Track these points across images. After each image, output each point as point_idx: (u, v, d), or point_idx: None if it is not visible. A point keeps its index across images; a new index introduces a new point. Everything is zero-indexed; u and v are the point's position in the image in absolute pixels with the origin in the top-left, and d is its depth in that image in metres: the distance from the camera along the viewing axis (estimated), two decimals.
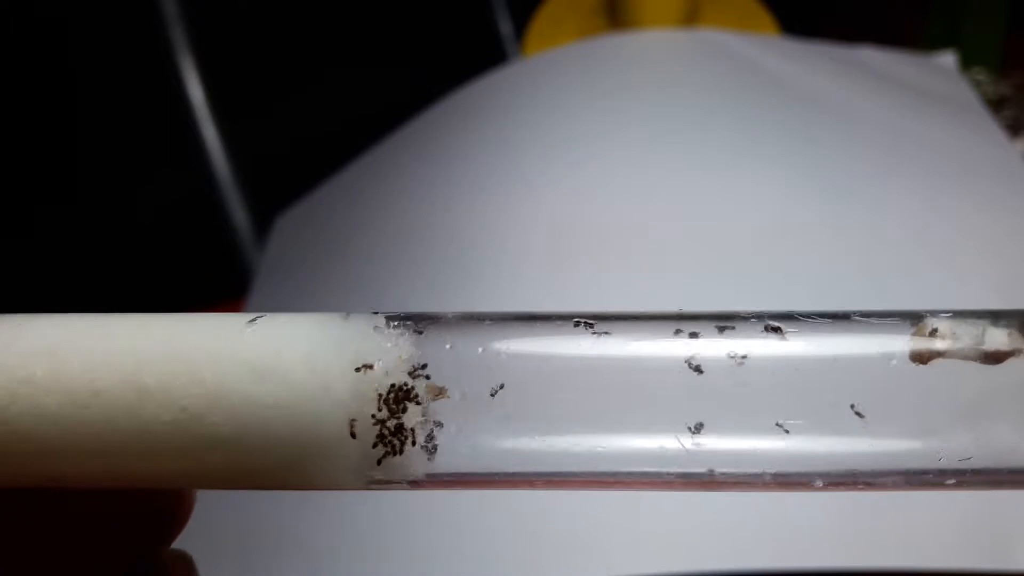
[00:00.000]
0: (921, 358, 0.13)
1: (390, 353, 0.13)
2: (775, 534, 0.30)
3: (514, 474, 0.13)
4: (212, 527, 0.38)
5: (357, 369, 0.13)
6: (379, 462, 0.13)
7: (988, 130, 0.45)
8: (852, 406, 0.13)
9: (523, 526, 0.32)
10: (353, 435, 0.13)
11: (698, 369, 0.13)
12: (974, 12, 0.60)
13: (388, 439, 0.13)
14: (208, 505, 0.39)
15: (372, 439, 0.13)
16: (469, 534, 0.32)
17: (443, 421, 0.13)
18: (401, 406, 0.13)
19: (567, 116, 0.45)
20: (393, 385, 0.13)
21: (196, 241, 0.59)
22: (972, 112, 0.47)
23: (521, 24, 0.60)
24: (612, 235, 0.40)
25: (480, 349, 0.13)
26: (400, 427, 0.13)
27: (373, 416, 0.13)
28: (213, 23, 0.57)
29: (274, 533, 0.36)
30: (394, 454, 0.13)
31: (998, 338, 0.13)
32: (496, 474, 0.13)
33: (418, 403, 0.13)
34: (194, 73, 0.57)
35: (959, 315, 0.13)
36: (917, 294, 0.36)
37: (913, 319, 0.13)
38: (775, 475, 0.13)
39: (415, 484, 0.13)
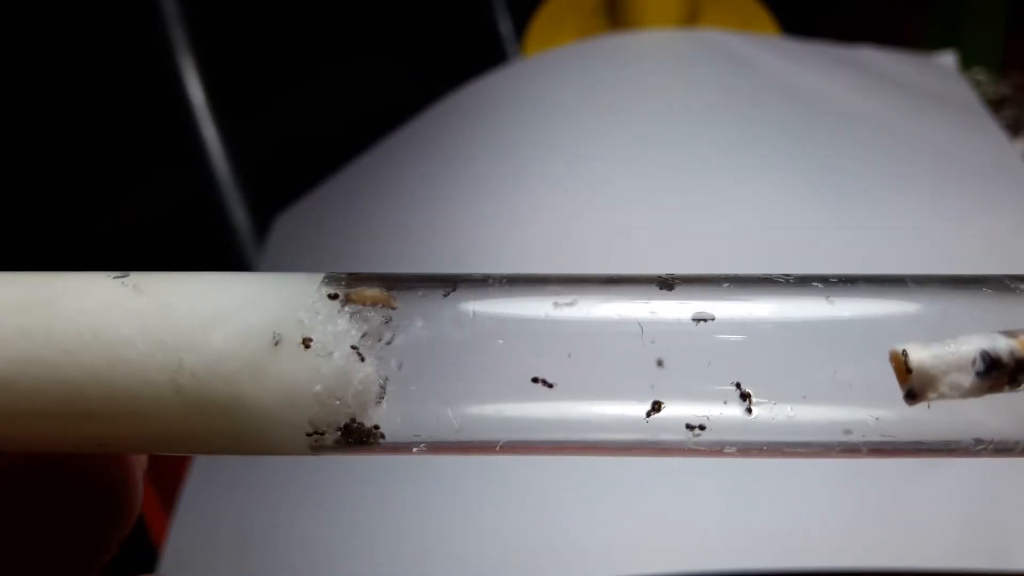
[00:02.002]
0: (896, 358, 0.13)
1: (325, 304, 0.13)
2: (775, 534, 0.30)
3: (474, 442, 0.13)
4: (212, 527, 0.38)
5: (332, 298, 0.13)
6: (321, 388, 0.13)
7: (988, 130, 0.45)
8: (822, 373, 0.13)
9: (523, 526, 0.32)
10: (307, 345, 0.13)
11: (652, 336, 0.13)
12: (974, 12, 0.60)
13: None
14: (209, 506, 0.39)
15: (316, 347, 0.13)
16: (469, 534, 0.32)
17: (392, 376, 0.13)
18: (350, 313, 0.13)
19: (567, 116, 0.45)
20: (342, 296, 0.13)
21: (196, 241, 0.59)
22: (972, 112, 0.47)
23: (521, 24, 0.60)
24: (612, 235, 0.40)
25: (444, 310, 0.13)
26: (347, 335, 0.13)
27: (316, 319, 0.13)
28: (213, 23, 0.57)
29: (274, 533, 0.36)
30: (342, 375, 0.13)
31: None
32: (442, 440, 0.13)
33: (365, 320, 0.13)
34: (194, 73, 0.57)
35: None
36: None
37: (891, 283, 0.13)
38: (731, 443, 0.13)
39: (360, 436, 0.13)
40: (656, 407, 0.13)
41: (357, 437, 0.13)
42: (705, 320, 0.13)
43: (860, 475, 0.31)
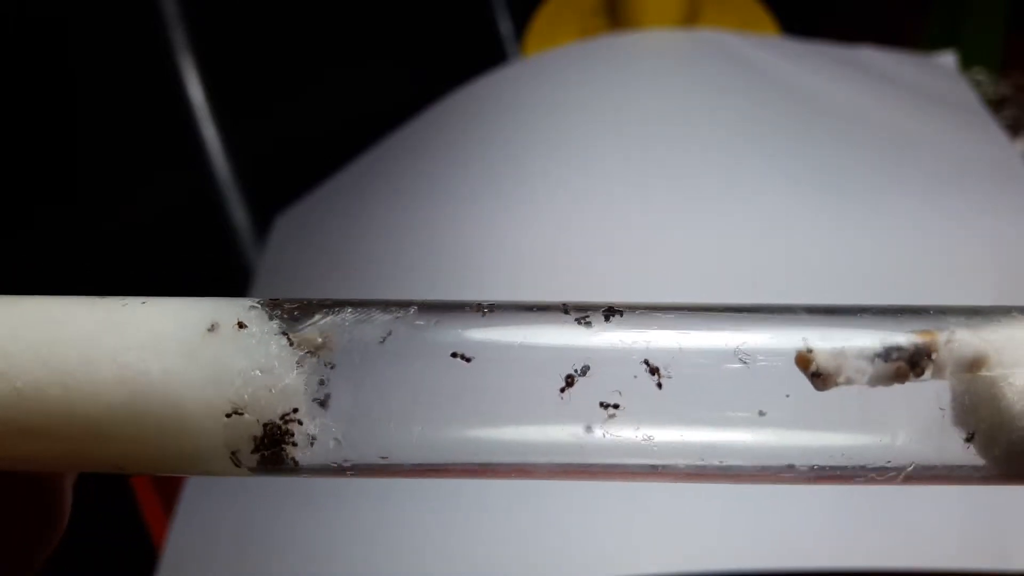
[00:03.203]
0: (805, 362, 0.13)
1: (265, 322, 0.13)
2: (775, 534, 0.30)
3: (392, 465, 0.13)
4: (211, 529, 0.38)
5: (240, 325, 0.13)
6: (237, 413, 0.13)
7: (988, 130, 0.45)
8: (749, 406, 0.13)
9: (523, 526, 0.32)
10: (230, 414, 0.13)
11: (585, 370, 0.13)
12: (974, 12, 0.60)
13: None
14: (209, 508, 0.39)
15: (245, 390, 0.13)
16: (469, 534, 0.32)
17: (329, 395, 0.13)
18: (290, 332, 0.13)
19: (567, 116, 0.45)
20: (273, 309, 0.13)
21: (196, 241, 0.59)
22: (972, 112, 0.47)
23: (521, 24, 0.60)
24: (612, 235, 0.40)
25: (377, 333, 0.13)
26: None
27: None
28: (213, 23, 0.57)
29: (273, 536, 0.36)
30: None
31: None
32: (372, 464, 0.13)
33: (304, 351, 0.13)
34: (194, 73, 0.57)
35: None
36: (917, 294, 0.36)
37: (805, 314, 0.13)
38: (670, 466, 0.13)
39: (293, 466, 0.13)
40: (588, 429, 0.13)
41: (271, 453, 0.13)
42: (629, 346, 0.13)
43: None
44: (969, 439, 0.13)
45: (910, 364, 0.13)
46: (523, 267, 0.39)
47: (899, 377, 0.13)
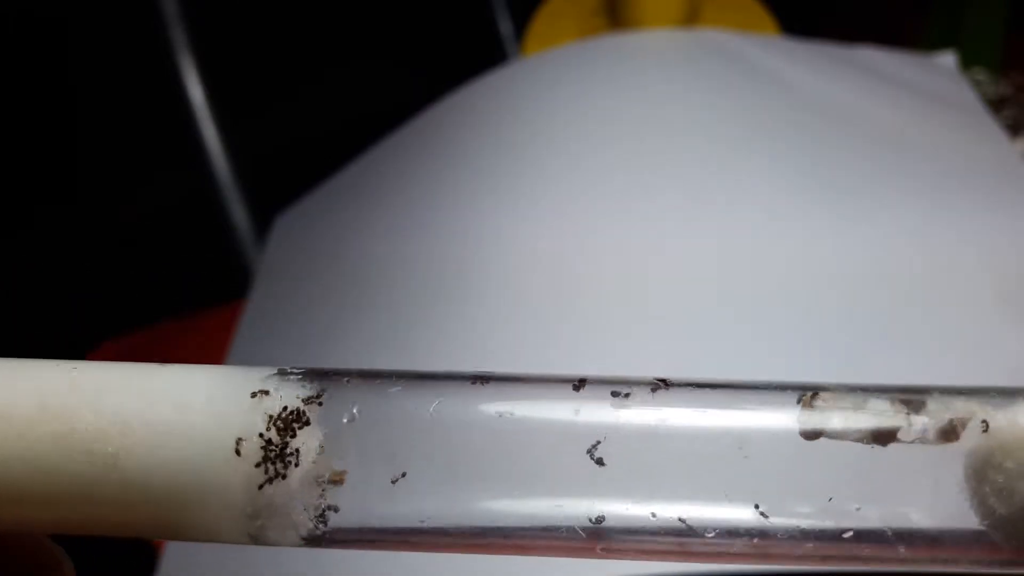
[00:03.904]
0: (808, 436, 0.13)
1: (286, 388, 0.13)
2: None
3: (405, 532, 0.13)
4: None
5: (253, 395, 0.13)
6: (261, 487, 0.13)
7: (988, 130, 0.45)
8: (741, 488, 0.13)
9: None
10: (239, 452, 0.13)
11: (594, 453, 0.13)
12: (974, 12, 0.60)
13: (273, 462, 0.13)
14: None
15: (257, 458, 0.13)
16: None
17: (339, 485, 0.13)
18: (291, 432, 0.13)
19: (567, 116, 0.45)
20: (285, 408, 0.13)
21: (196, 241, 0.59)
22: (972, 112, 0.47)
23: (521, 24, 0.60)
24: (612, 235, 0.40)
25: (387, 408, 0.13)
26: (285, 453, 0.13)
27: (260, 435, 0.13)
28: (213, 23, 0.57)
29: None
30: (280, 478, 0.13)
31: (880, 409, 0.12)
32: (388, 531, 0.13)
33: (307, 424, 0.13)
34: (194, 73, 0.57)
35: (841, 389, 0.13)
36: (916, 294, 0.36)
37: (801, 391, 0.13)
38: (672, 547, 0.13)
39: (305, 539, 0.13)
40: (598, 521, 0.13)
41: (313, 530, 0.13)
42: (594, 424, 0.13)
43: None
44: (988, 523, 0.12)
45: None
46: (523, 267, 0.39)
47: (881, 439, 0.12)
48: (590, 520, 0.13)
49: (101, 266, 0.55)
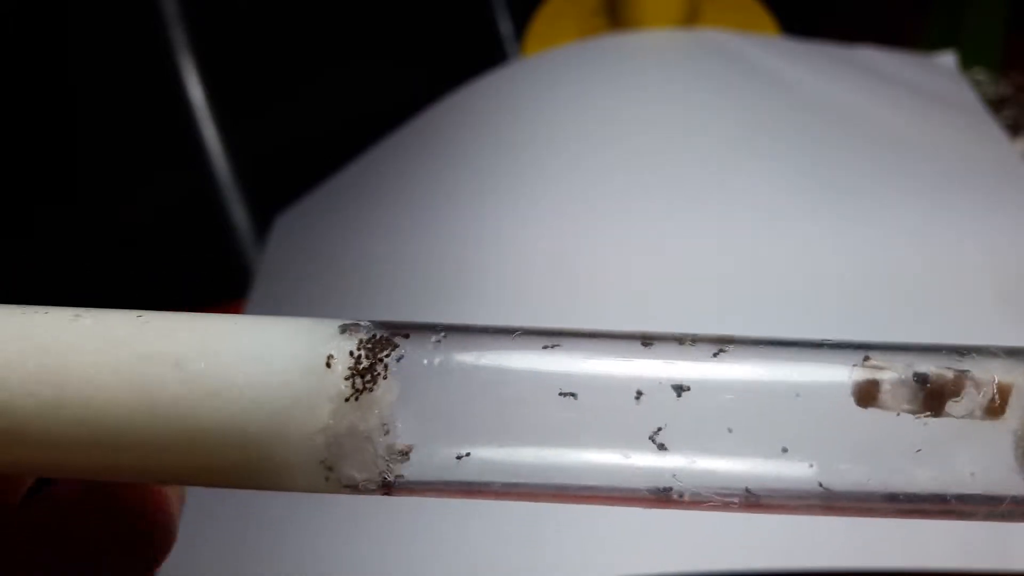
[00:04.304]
0: (863, 396, 0.13)
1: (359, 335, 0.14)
2: (775, 534, 0.30)
3: (475, 484, 0.14)
4: (212, 530, 0.38)
5: (343, 329, 0.14)
6: (349, 399, 0.13)
7: (988, 130, 0.45)
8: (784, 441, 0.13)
9: (525, 527, 0.32)
10: (328, 366, 0.13)
11: (639, 393, 0.13)
12: (974, 12, 0.60)
13: (363, 373, 0.13)
14: (209, 509, 0.39)
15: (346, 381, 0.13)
16: (470, 536, 0.32)
17: (406, 433, 0.13)
18: (378, 358, 0.13)
19: (567, 116, 0.45)
20: (373, 336, 0.13)
21: (196, 241, 0.59)
22: (972, 112, 0.47)
23: (521, 24, 0.60)
24: (612, 235, 0.40)
25: (441, 360, 0.13)
26: (373, 369, 0.13)
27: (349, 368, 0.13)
28: (213, 23, 0.57)
29: (273, 536, 0.36)
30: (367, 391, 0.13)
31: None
32: (455, 483, 0.14)
33: (388, 355, 0.13)
34: (194, 73, 0.57)
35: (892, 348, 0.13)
36: (916, 294, 0.36)
37: (858, 349, 0.13)
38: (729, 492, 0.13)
39: (385, 485, 0.13)
40: (661, 446, 0.13)
41: (379, 479, 0.13)
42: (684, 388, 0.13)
43: None
44: None
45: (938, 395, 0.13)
46: (522, 267, 0.39)
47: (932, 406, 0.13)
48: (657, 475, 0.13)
49: (101, 266, 0.55)
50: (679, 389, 0.13)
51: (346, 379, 0.13)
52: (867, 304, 0.36)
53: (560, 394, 0.13)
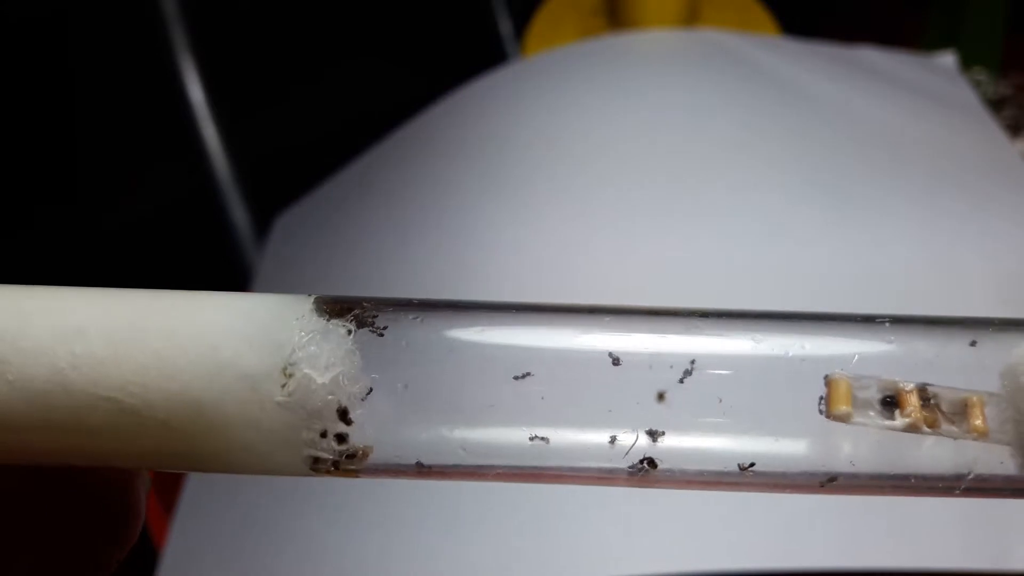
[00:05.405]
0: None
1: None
2: (775, 534, 0.30)
3: (435, 466, 0.13)
4: (212, 529, 0.38)
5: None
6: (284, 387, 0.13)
7: (988, 130, 0.45)
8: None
9: (524, 526, 0.32)
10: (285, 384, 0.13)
11: (619, 362, 0.13)
12: (974, 12, 0.60)
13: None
14: (209, 508, 0.39)
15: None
16: (471, 534, 0.32)
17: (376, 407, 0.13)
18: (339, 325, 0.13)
19: (567, 116, 0.45)
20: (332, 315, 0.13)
21: (196, 241, 0.59)
22: (972, 112, 0.47)
23: (521, 24, 0.60)
24: (611, 235, 0.40)
25: (421, 335, 0.13)
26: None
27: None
28: (213, 23, 0.57)
29: (273, 535, 0.36)
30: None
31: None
32: (414, 465, 0.13)
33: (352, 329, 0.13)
34: (194, 73, 0.57)
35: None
36: (916, 294, 0.36)
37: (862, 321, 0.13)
38: (711, 473, 0.13)
39: (347, 463, 0.13)
40: (653, 434, 0.13)
41: (345, 455, 0.13)
42: (657, 352, 0.13)
43: None
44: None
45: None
46: (522, 267, 0.39)
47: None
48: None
49: (101, 265, 0.55)
50: (655, 362, 0.13)
51: (300, 357, 0.13)
52: (867, 305, 0.36)
53: (516, 376, 0.13)
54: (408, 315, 0.13)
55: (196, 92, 0.57)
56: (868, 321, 0.13)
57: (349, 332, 0.13)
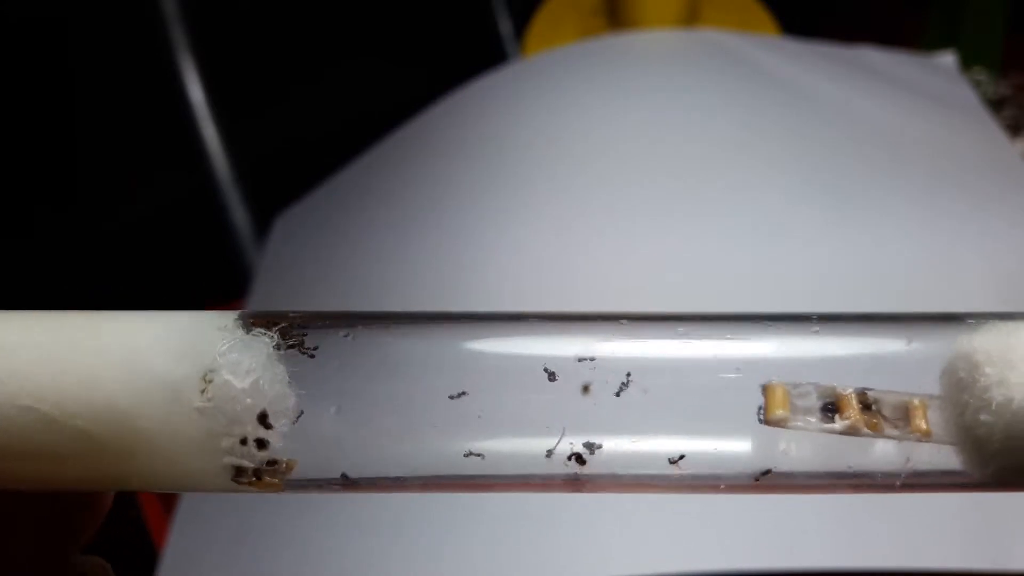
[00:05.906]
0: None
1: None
2: (775, 534, 0.30)
3: (361, 480, 0.13)
4: (212, 529, 0.38)
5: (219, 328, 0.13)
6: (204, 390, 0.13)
7: (988, 130, 0.45)
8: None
9: (523, 526, 0.32)
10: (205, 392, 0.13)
11: (555, 374, 0.13)
12: (974, 12, 0.60)
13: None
14: (209, 508, 0.39)
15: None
16: (467, 535, 0.32)
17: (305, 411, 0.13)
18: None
19: (567, 116, 0.45)
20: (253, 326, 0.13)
21: (196, 241, 0.59)
22: (972, 112, 0.47)
23: (521, 24, 0.60)
24: (611, 235, 0.40)
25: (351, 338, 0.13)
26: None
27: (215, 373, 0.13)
28: (213, 23, 0.57)
29: (273, 535, 0.36)
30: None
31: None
32: (337, 479, 0.13)
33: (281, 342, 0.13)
34: (194, 73, 0.57)
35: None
36: (916, 294, 0.36)
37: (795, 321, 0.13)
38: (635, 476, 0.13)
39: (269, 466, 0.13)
40: (591, 448, 0.13)
41: (266, 462, 0.13)
42: (592, 359, 0.13)
43: None
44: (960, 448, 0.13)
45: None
46: (522, 267, 0.39)
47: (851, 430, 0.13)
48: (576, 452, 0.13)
49: (101, 266, 0.55)
50: (588, 363, 0.13)
51: (220, 364, 0.13)
52: (867, 305, 0.36)
53: (453, 396, 0.13)
54: (339, 332, 0.13)
55: (196, 92, 0.57)
56: (803, 320, 0.14)
57: (272, 341, 0.13)
